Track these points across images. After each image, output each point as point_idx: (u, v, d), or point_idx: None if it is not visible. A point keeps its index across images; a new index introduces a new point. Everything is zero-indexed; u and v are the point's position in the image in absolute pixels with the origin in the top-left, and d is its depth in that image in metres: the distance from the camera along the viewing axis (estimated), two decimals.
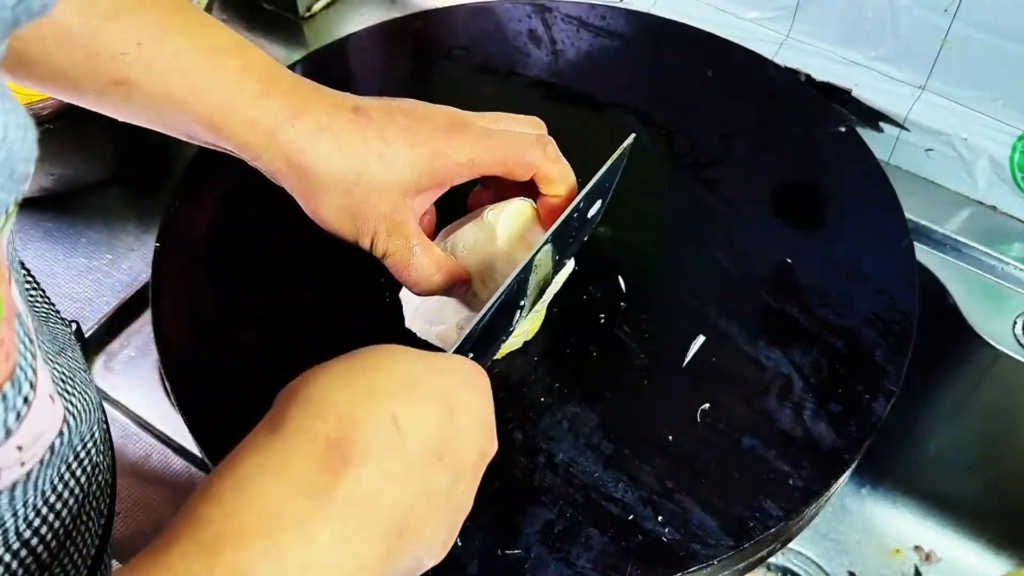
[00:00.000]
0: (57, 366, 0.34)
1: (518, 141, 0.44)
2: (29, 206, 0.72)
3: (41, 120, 0.63)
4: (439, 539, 0.33)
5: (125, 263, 0.69)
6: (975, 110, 0.65)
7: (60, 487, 0.34)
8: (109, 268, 0.68)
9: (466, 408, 0.33)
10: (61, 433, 0.31)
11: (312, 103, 0.41)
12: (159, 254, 0.57)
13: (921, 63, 0.66)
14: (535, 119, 0.47)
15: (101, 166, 0.71)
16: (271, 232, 0.58)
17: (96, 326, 0.65)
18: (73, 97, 0.42)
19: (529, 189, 0.46)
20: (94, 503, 0.37)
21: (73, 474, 0.35)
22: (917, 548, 0.72)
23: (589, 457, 0.46)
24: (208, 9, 0.65)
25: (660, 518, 0.44)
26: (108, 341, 0.65)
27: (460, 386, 0.33)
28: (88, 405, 0.36)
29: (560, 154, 0.45)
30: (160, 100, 0.40)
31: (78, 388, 0.35)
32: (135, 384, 0.63)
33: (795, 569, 0.71)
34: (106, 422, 0.41)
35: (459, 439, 0.32)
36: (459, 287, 0.46)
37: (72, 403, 0.33)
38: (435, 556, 0.33)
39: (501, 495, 0.45)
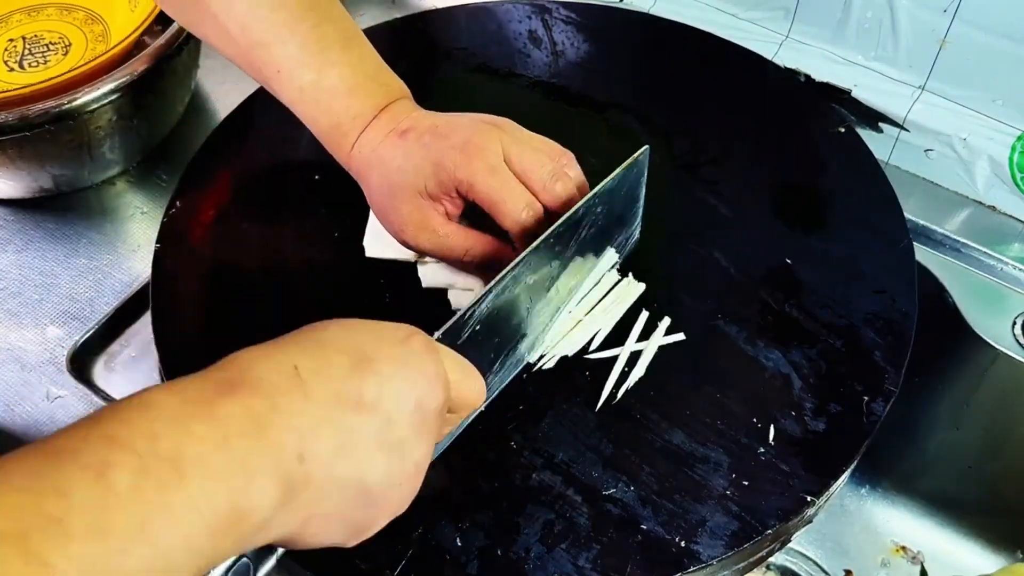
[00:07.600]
0: None
1: (514, 198, 0.47)
2: (30, 207, 0.72)
3: (41, 122, 0.63)
4: (381, 478, 0.34)
5: (125, 263, 0.69)
6: (974, 110, 0.65)
7: None
8: (109, 268, 0.68)
9: (386, 359, 0.34)
10: None
11: (375, 126, 0.50)
12: (159, 254, 0.57)
13: (920, 63, 0.66)
14: (558, 150, 0.50)
15: (101, 167, 0.71)
16: (271, 233, 0.58)
17: (97, 326, 0.65)
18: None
19: None
20: None
21: None
22: (914, 548, 0.72)
23: (589, 457, 0.46)
24: None
25: (660, 518, 0.44)
26: (108, 341, 0.66)
27: (377, 341, 0.35)
28: None
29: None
30: (288, 103, 0.51)
31: None
32: (135, 384, 0.63)
33: (794, 569, 0.71)
34: None
35: (382, 386, 0.33)
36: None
37: None
38: (387, 499, 0.34)
39: (501, 495, 0.45)
